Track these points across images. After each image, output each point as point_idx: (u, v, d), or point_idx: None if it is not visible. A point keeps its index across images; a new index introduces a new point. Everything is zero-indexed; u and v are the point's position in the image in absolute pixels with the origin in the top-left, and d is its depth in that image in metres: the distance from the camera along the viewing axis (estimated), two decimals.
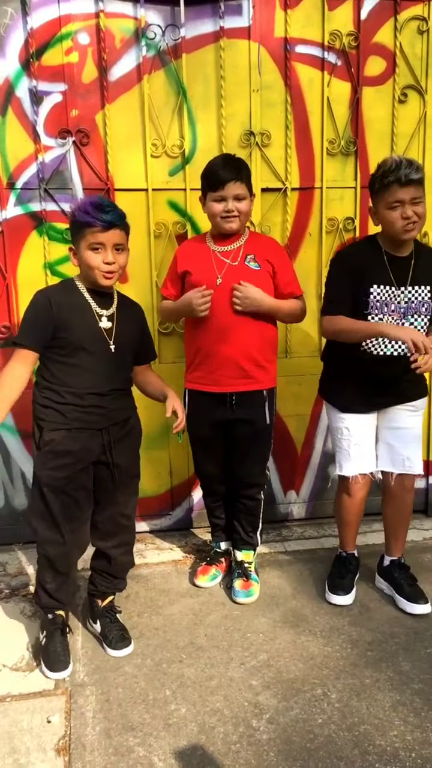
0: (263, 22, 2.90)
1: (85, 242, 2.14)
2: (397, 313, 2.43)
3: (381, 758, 1.90)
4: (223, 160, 2.49)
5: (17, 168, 2.83)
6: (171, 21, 2.83)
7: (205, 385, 2.60)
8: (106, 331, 2.22)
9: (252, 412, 2.60)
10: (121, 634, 2.39)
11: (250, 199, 2.52)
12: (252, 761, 1.90)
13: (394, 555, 2.74)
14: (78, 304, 2.21)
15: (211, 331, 2.54)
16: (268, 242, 2.64)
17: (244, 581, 2.72)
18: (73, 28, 2.77)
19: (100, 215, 2.09)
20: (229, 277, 2.50)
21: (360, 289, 2.42)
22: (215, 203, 2.47)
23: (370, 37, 3.00)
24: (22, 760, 1.90)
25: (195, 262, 2.56)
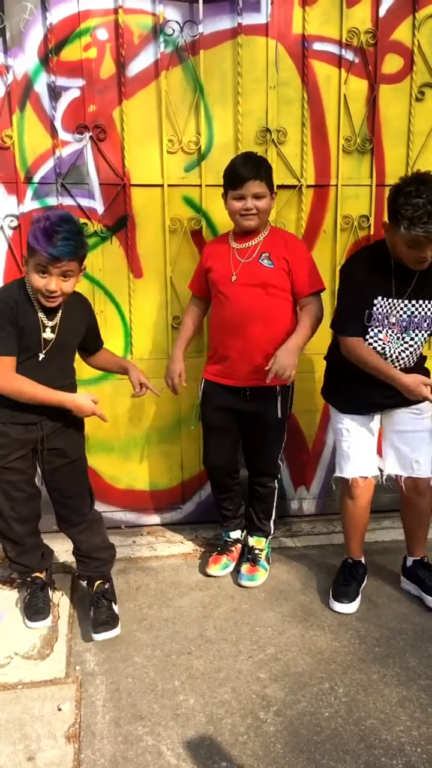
0: (281, 19, 2.90)
1: (33, 261, 2.14)
2: (397, 326, 2.40)
3: (387, 752, 1.92)
4: (244, 159, 2.53)
5: (35, 162, 2.86)
6: (189, 17, 2.84)
7: (222, 378, 2.68)
8: (44, 341, 2.27)
9: (264, 406, 2.65)
10: (104, 619, 2.41)
11: (271, 197, 2.54)
12: (259, 752, 1.92)
13: (417, 555, 2.74)
14: (29, 311, 2.23)
15: (228, 327, 2.60)
16: (286, 239, 2.65)
17: (251, 565, 2.79)
18: (92, 23, 2.78)
19: (48, 248, 2.06)
20: (244, 274, 2.54)
21: (367, 301, 2.40)
22: (235, 201, 2.51)
23: (387, 35, 2.99)
24: (32, 747, 1.94)
25: (216, 259, 2.64)
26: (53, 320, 2.28)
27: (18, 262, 2.90)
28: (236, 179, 2.47)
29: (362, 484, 2.58)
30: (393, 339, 2.42)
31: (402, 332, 2.42)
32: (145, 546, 3.11)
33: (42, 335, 2.25)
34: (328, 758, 1.90)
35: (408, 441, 2.57)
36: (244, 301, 2.55)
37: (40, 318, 2.25)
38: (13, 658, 2.33)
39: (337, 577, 2.72)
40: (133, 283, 3.03)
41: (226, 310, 2.60)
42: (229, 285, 2.56)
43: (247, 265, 2.55)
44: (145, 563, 2.96)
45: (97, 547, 2.52)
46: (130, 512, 3.26)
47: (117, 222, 2.97)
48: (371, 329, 2.43)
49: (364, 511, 2.64)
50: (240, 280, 2.55)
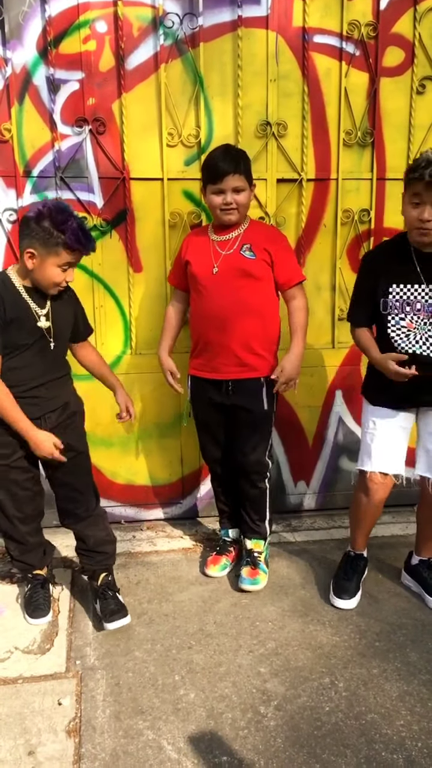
0: (282, 12, 2.89)
1: (56, 259, 2.16)
2: (424, 312, 2.36)
3: (387, 747, 1.92)
4: (223, 153, 2.49)
5: (34, 156, 2.84)
6: (189, 10, 2.82)
7: (205, 372, 2.67)
8: (45, 330, 2.28)
9: (248, 398, 2.63)
10: (114, 608, 2.44)
11: (250, 190, 2.53)
12: (259, 746, 1.92)
13: (424, 556, 2.72)
14: (20, 305, 2.23)
15: (209, 320, 2.59)
16: (267, 231, 2.66)
17: (251, 569, 2.74)
18: (91, 16, 2.77)
19: (90, 245, 2.18)
20: (225, 266, 2.54)
21: (380, 290, 2.39)
22: (214, 195, 2.50)
23: (388, 28, 2.98)
24: (33, 741, 1.94)
25: (195, 252, 2.62)
26: (45, 308, 2.28)
27: (16, 256, 2.89)
28: (215, 174, 2.45)
29: (380, 480, 2.52)
30: (420, 325, 2.37)
31: (429, 317, 2.36)
32: (145, 541, 3.11)
33: (37, 324, 2.25)
34: (328, 753, 1.90)
35: None
36: (226, 293, 2.54)
37: (32, 308, 2.24)
38: (13, 652, 2.33)
39: (338, 572, 2.71)
40: (132, 277, 3.02)
41: (207, 303, 2.58)
42: (210, 277, 2.55)
43: (228, 256, 2.55)
44: (145, 558, 2.96)
45: (103, 540, 2.52)
46: (129, 507, 3.26)
47: (116, 216, 2.96)
48: (390, 317, 2.39)
49: (376, 508, 2.59)
50: (221, 272, 2.54)
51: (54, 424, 2.36)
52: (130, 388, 2.86)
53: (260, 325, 2.58)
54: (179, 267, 2.73)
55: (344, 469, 3.36)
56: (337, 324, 3.21)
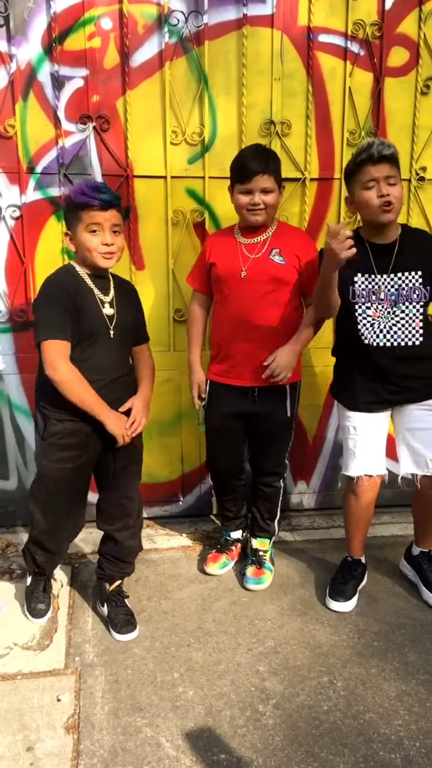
0: (287, 10, 2.88)
1: (82, 225, 2.16)
2: (387, 301, 2.41)
3: (385, 746, 1.93)
4: (253, 152, 2.45)
5: (37, 152, 2.84)
6: (194, 7, 2.82)
7: (228, 379, 2.60)
8: (108, 317, 2.24)
9: (273, 405, 2.60)
10: (126, 619, 2.42)
11: (279, 192, 2.48)
12: (258, 745, 1.93)
13: (424, 547, 2.74)
14: (85, 292, 2.21)
15: (235, 325, 2.53)
16: (296, 235, 2.60)
17: (256, 568, 2.74)
18: (96, 13, 2.76)
19: (98, 195, 2.11)
20: (254, 270, 2.48)
21: (346, 280, 2.41)
22: (242, 195, 2.44)
23: (393, 28, 2.97)
24: (32, 737, 1.94)
25: (221, 253, 2.56)
26: (109, 295, 2.26)
27: (19, 252, 2.89)
28: (244, 173, 2.40)
29: (367, 483, 2.54)
30: (383, 314, 2.42)
31: (392, 306, 2.42)
32: (145, 538, 3.09)
33: (103, 311, 2.23)
34: (326, 751, 1.91)
35: (421, 438, 2.51)
36: (254, 298, 2.48)
37: (96, 295, 2.23)
38: (12, 648, 2.33)
39: (335, 575, 2.71)
40: (134, 275, 3.02)
41: (234, 307, 2.52)
42: (238, 281, 2.49)
43: (257, 260, 2.49)
44: (144, 555, 2.95)
45: (135, 551, 2.51)
46: None
47: None
48: (357, 306, 2.43)
49: (367, 509, 2.61)
50: (249, 276, 2.48)
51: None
52: None
53: (287, 332, 2.54)
54: (202, 269, 2.65)
55: None
56: None
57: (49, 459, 2.26)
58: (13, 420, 3.07)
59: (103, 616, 2.49)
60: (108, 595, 2.48)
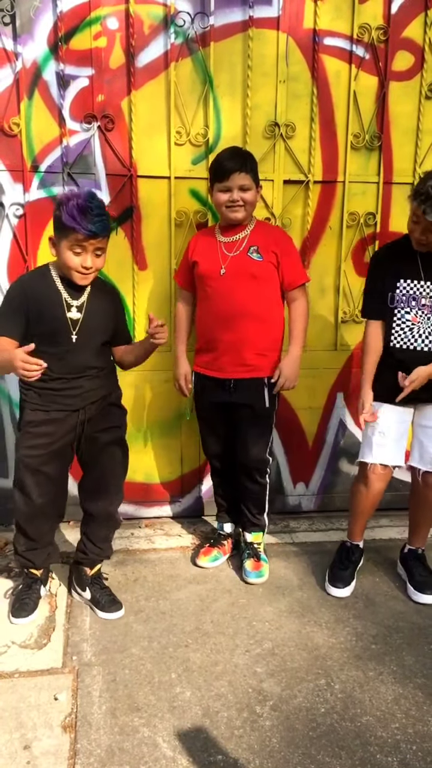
0: (292, 13, 2.89)
1: (66, 242, 2.17)
2: (427, 308, 2.50)
3: (382, 749, 1.93)
4: (230, 152, 2.55)
5: (42, 151, 2.84)
6: (200, 9, 2.82)
7: (210, 370, 2.70)
8: (72, 321, 2.28)
9: (250, 396, 2.67)
10: (111, 599, 2.53)
11: (257, 190, 2.56)
12: (255, 746, 1.93)
13: (413, 545, 2.81)
14: (49, 294, 2.26)
15: (216, 321, 2.63)
16: (273, 232, 2.69)
17: (254, 561, 2.79)
18: (103, 12, 2.76)
19: (86, 224, 2.11)
20: (233, 268, 2.57)
21: (389, 284, 2.52)
22: (221, 193, 2.53)
23: (399, 32, 2.98)
24: (29, 735, 1.94)
25: (203, 252, 2.65)
26: (79, 299, 2.29)
27: (22, 250, 2.89)
28: (222, 171, 2.49)
29: (380, 472, 2.62)
30: (423, 319, 2.51)
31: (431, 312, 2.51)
32: (143, 538, 3.11)
33: (67, 315, 2.27)
34: (323, 754, 1.91)
35: (431, 437, 2.60)
36: (233, 295, 2.57)
37: (64, 298, 2.27)
38: (10, 647, 2.33)
39: (334, 560, 2.78)
40: (137, 275, 3.02)
41: (214, 304, 2.62)
42: (218, 278, 2.58)
43: (236, 258, 2.57)
44: (142, 555, 2.96)
45: (114, 529, 2.60)
46: (128, 504, 3.25)
47: (123, 213, 2.95)
48: (397, 310, 2.53)
49: (375, 498, 2.68)
50: (229, 274, 2.57)
51: (94, 413, 2.39)
52: (133, 386, 2.86)
53: (265, 327, 2.63)
54: (186, 268, 2.75)
55: (344, 472, 3.36)
56: (341, 326, 3.22)
57: (23, 446, 2.35)
58: (14, 418, 3.06)
59: (85, 600, 2.57)
60: (89, 580, 2.57)
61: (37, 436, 2.33)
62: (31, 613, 2.48)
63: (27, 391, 2.34)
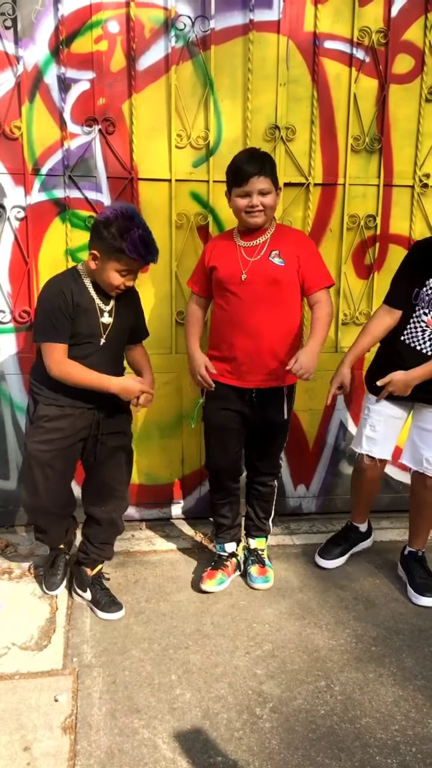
0: (293, 16, 2.90)
1: (116, 264, 2.26)
2: None
3: (382, 751, 1.93)
4: (247, 155, 2.48)
5: (43, 154, 2.85)
6: (201, 12, 2.83)
7: (228, 378, 2.60)
8: (104, 325, 2.37)
9: (270, 407, 2.61)
10: (111, 600, 2.56)
11: (276, 193, 2.49)
12: (254, 748, 1.93)
13: (413, 546, 2.82)
14: (86, 301, 2.34)
15: (236, 326, 2.54)
16: (294, 236, 2.62)
17: (260, 567, 2.78)
18: (104, 16, 2.78)
19: (149, 257, 2.26)
20: (254, 273, 2.49)
21: (417, 279, 2.52)
22: (240, 198, 2.45)
23: (399, 35, 2.98)
24: (29, 737, 1.95)
25: (222, 257, 2.57)
26: (109, 305, 2.38)
27: (23, 253, 2.90)
28: (240, 176, 2.41)
29: (369, 462, 2.70)
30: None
31: None
32: (144, 540, 3.12)
33: (100, 320, 2.35)
34: (323, 755, 1.91)
35: (424, 438, 2.63)
36: (255, 301, 2.49)
37: (97, 304, 2.35)
38: (10, 648, 2.34)
39: (332, 536, 2.91)
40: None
41: (235, 310, 2.52)
42: (239, 284, 2.49)
43: (257, 263, 2.49)
44: (143, 557, 2.97)
45: (117, 533, 2.65)
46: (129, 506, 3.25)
47: None
48: (418, 308, 2.53)
49: (370, 484, 2.76)
50: (250, 279, 2.48)
51: (107, 414, 2.44)
52: None
53: (287, 334, 2.55)
54: (202, 273, 2.65)
55: (344, 473, 3.36)
56: (341, 328, 3.22)
57: (34, 440, 2.37)
58: (15, 420, 3.07)
59: (86, 601, 2.59)
60: (90, 581, 2.59)
61: (50, 431, 2.36)
62: (62, 583, 2.65)
63: (41, 385, 2.38)
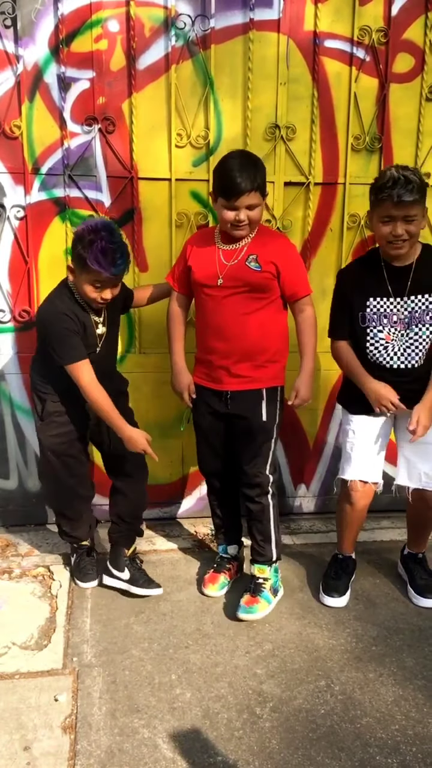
0: (293, 15, 2.89)
1: (88, 277, 2.33)
2: (400, 324, 2.44)
3: (382, 751, 1.93)
4: (239, 165, 2.32)
5: (43, 153, 2.85)
6: (201, 11, 2.82)
7: (206, 381, 2.59)
8: (99, 336, 2.50)
9: (246, 408, 2.53)
10: (148, 578, 2.67)
11: (263, 200, 2.42)
12: (254, 747, 1.93)
13: (413, 550, 2.79)
14: (83, 315, 2.43)
15: (213, 331, 2.51)
16: (274, 241, 2.51)
17: (250, 596, 2.57)
18: (104, 15, 2.77)
19: (110, 269, 2.27)
20: (230, 278, 2.43)
21: (358, 304, 2.47)
22: (226, 210, 2.36)
23: (399, 34, 2.98)
24: (29, 736, 1.95)
25: (200, 258, 2.51)
26: (101, 316, 2.49)
27: (23, 252, 2.90)
28: (231, 191, 2.30)
29: (361, 488, 2.56)
30: (397, 337, 2.45)
31: (405, 329, 2.45)
32: (144, 540, 3.10)
33: (96, 332, 2.47)
34: (323, 755, 1.91)
35: (418, 452, 2.53)
36: (230, 305, 2.45)
37: (92, 317, 2.46)
38: (10, 648, 2.34)
39: (327, 571, 2.75)
40: (138, 276, 3.03)
41: (210, 313, 2.49)
42: (215, 288, 2.45)
43: (233, 267, 2.43)
44: (143, 557, 2.95)
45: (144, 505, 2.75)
46: None
47: (124, 215, 2.96)
48: (369, 330, 2.47)
49: (360, 513, 2.63)
50: (226, 283, 2.43)
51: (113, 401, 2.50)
52: (134, 387, 2.85)
53: (264, 338, 2.49)
54: (182, 270, 2.60)
55: None
56: None
57: (49, 434, 2.54)
58: (15, 419, 3.07)
59: (123, 580, 2.66)
60: (128, 560, 2.68)
61: (62, 424, 2.52)
62: (95, 577, 2.73)
63: (46, 385, 2.51)
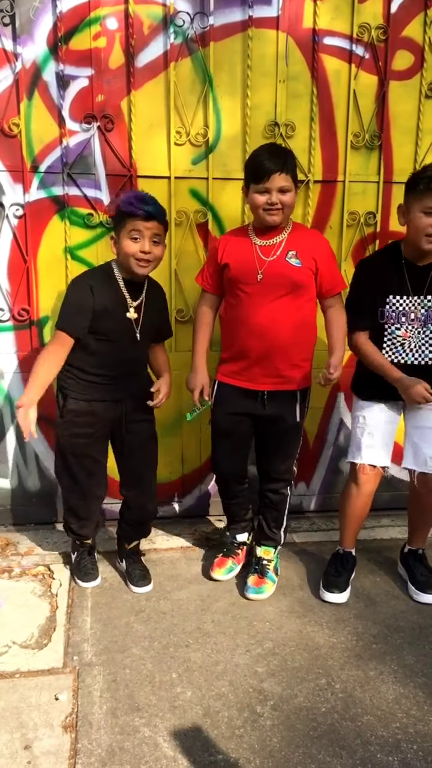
0: (292, 13, 2.89)
1: (125, 231, 2.32)
2: (417, 322, 2.48)
3: (383, 749, 1.93)
4: (268, 150, 2.38)
5: (41, 151, 2.84)
6: (200, 9, 2.82)
7: (239, 381, 2.56)
8: (133, 321, 2.44)
9: (282, 409, 2.55)
10: (142, 574, 2.70)
11: (295, 191, 2.41)
12: (255, 746, 1.93)
13: (413, 546, 2.81)
14: (113, 294, 2.40)
15: (250, 327, 2.47)
16: (312, 237, 2.53)
17: (258, 577, 2.68)
18: (102, 12, 2.77)
19: (143, 206, 2.28)
20: (270, 273, 2.41)
21: (377, 300, 2.49)
22: (258, 195, 2.35)
23: (399, 31, 2.98)
24: (29, 735, 1.94)
25: (236, 255, 2.48)
26: (137, 300, 2.45)
27: (22, 250, 2.89)
28: (261, 172, 2.31)
29: (369, 472, 2.61)
30: (414, 334, 2.50)
31: (422, 326, 2.49)
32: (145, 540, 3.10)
33: (127, 315, 2.42)
34: (324, 753, 1.91)
35: (425, 437, 2.57)
36: (270, 302, 2.42)
37: (126, 299, 2.42)
38: (11, 647, 2.33)
39: (327, 568, 2.75)
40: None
41: (248, 310, 2.45)
42: (254, 284, 2.42)
43: (273, 263, 2.41)
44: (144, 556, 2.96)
45: (151, 516, 2.75)
46: None
47: None
48: (387, 326, 2.51)
49: (366, 499, 2.66)
50: (266, 279, 2.40)
51: (133, 405, 2.54)
52: None
53: (301, 336, 2.50)
54: (214, 270, 2.56)
55: (345, 472, 3.35)
56: None
57: (67, 434, 2.51)
58: (14, 418, 3.07)
59: (121, 571, 2.77)
60: (127, 553, 2.76)
61: (82, 425, 2.49)
62: (97, 576, 2.72)
63: (68, 380, 2.47)
